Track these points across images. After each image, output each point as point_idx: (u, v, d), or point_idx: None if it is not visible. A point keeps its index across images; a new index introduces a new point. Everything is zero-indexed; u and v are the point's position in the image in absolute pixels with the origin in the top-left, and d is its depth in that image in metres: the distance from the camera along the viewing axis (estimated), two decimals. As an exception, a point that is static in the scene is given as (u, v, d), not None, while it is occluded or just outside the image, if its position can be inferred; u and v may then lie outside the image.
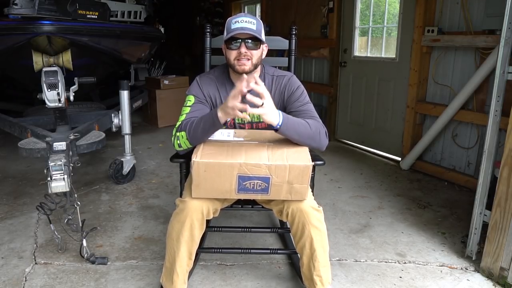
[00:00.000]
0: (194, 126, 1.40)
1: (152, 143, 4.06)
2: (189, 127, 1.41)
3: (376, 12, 3.66)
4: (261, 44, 1.50)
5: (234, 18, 1.48)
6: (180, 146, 1.45)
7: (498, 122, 1.75)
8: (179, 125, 1.47)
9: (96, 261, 1.86)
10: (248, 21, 1.45)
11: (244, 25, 1.44)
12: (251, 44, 1.46)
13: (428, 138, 3.02)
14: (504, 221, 1.66)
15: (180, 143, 1.44)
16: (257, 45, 1.48)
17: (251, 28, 1.45)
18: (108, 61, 3.77)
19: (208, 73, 1.66)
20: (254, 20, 1.47)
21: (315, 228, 1.42)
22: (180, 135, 1.43)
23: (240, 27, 1.44)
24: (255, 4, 5.74)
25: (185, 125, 1.43)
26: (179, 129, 1.45)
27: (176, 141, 1.45)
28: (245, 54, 1.46)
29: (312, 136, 1.40)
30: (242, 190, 1.35)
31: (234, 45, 1.47)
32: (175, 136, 1.45)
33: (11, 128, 2.79)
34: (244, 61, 1.47)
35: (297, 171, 1.31)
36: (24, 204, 2.54)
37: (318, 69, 4.34)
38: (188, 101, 1.54)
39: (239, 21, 1.45)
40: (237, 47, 1.46)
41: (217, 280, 1.75)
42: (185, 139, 1.42)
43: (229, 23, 1.48)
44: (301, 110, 1.52)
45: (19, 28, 2.60)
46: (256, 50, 1.49)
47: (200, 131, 1.39)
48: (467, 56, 2.78)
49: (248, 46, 1.46)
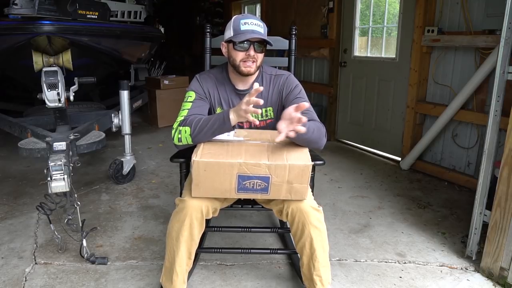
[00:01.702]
0: (201, 124, 1.39)
1: (152, 143, 4.06)
2: (195, 124, 1.40)
3: (376, 12, 3.66)
4: (265, 47, 1.52)
5: (242, 18, 1.48)
6: (180, 140, 1.43)
7: (498, 122, 1.75)
8: (182, 119, 1.46)
9: (96, 261, 1.86)
10: (257, 24, 1.47)
11: (255, 28, 1.46)
12: (259, 48, 1.49)
13: (428, 138, 3.02)
14: (504, 221, 1.66)
15: (181, 137, 1.42)
16: (263, 49, 1.51)
17: (260, 32, 1.47)
18: (108, 61, 3.77)
19: (207, 72, 1.67)
20: (261, 23, 1.50)
21: (315, 228, 1.42)
22: (183, 130, 1.42)
23: (251, 29, 1.45)
24: (255, 4, 5.74)
25: (190, 121, 1.43)
26: (183, 123, 1.44)
27: (177, 135, 1.43)
28: (253, 56, 1.48)
29: (317, 139, 1.42)
30: (242, 190, 1.35)
31: (243, 47, 1.47)
32: (177, 130, 1.44)
33: (11, 128, 2.79)
34: (250, 63, 1.49)
35: (296, 170, 1.31)
36: (24, 204, 2.54)
37: (318, 69, 4.34)
38: (189, 97, 1.54)
39: (249, 23, 1.46)
40: (246, 49, 1.47)
41: (217, 280, 1.76)
42: (188, 134, 1.41)
43: (237, 23, 1.47)
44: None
45: (19, 28, 2.60)
46: (262, 53, 1.52)
47: (207, 130, 1.39)
48: (467, 56, 2.78)
49: (256, 49, 1.48)
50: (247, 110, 1.30)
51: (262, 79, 1.61)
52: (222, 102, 1.60)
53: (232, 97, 1.60)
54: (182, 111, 1.50)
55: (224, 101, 1.60)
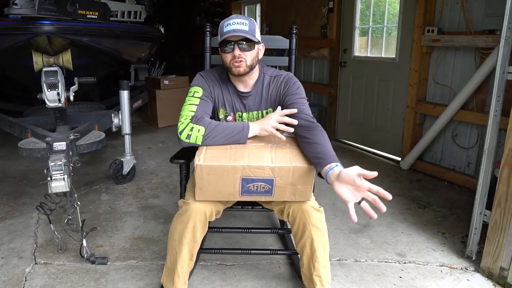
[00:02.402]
0: (217, 129, 1.38)
1: (152, 143, 4.06)
2: (210, 127, 1.38)
3: (376, 12, 3.66)
4: (256, 44, 1.48)
5: (226, 21, 1.46)
6: (189, 137, 1.37)
7: (498, 122, 1.75)
8: (193, 115, 1.42)
9: (96, 261, 1.86)
10: (240, 22, 1.43)
11: (236, 27, 1.42)
12: (245, 46, 1.44)
13: (428, 138, 3.02)
14: (504, 221, 1.66)
15: (191, 135, 1.37)
16: (251, 46, 1.46)
17: (243, 30, 1.43)
18: (108, 61, 3.77)
19: (211, 71, 1.64)
20: (246, 20, 1.45)
21: (315, 229, 1.42)
22: (196, 128, 1.38)
23: (232, 29, 1.42)
24: (255, 4, 5.74)
25: (205, 121, 1.40)
26: (196, 121, 1.40)
27: (188, 131, 1.38)
28: (238, 56, 1.44)
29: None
30: (246, 193, 1.34)
31: (228, 48, 1.45)
32: (187, 125, 1.39)
33: (11, 128, 2.79)
34: (237, 63, 1.45)
35: (300, 172, 1.31)
36: (24, 204, 2.54)
37: (318, 69, 4.34)
38: (195, 92, 1.51)
39: (231, 23, 1.43)
40: (231, 50, 1.44)
41: (217, 280, 1.76)
42: (201, 134, 1.37)
43: (222, 27, 1.46)
44: (297, 102, 1.51)
45: (19, 28, 2.60)
46: (250, 51, 1.46)
47: (222, 136, 1.38)
48: (467, 56, 2.78)
49: (242, 48, 1.44)
50: (275, 126, 1.32)
51: (263, 81, 1.59)
52: (225, 103, 1.58)
53: (235, 99, 1.58)
54: (190, 105, 1.46)
55: (227, 102, 1.58)
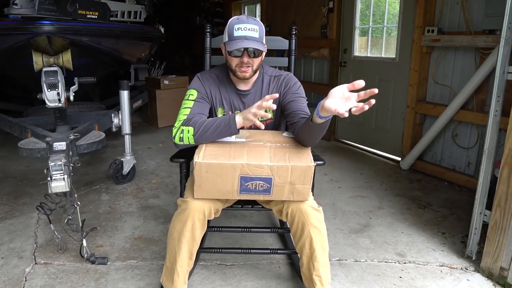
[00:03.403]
0: (205, 126, 1.38)
1: (152, 143, 4.06)
2: (198, 125, 1.39)
3: (376, 12, 3.66)
4: (263, 51, 1.49)
5: (236, 23, 1.44)
6: (181, 140, 1.41)
7: (498, 122, 1.75)
8: (185, 119, 1.45)
9: (96, 261, 1.86)
10: (251, 28, 1.43)
11: (248, 34, 1.42)
12: (253, 53, 1.45)
13: (428, 138, 3.02)
14: (504, 221, 1.66)
15: (183, 137, 1.40)
16: (259, 53, 1.47)
17: (254, 38, 1.43)
18: (108, 61, 3.77)
19: (209, 72, 1.65)
20: (256, 26, 1.45)
21: (314, 228, 1.42)
22: (186, 130, 1.40)
23: (243, 36, 1.42)
24: (255, 4, 5.74)
25: (194, 121, 1.42)
26: (186, 123, 1.43)
27: (179, 134, 1.41)
28: (247, 63, 1.45)
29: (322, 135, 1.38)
30: (244, 191, 1.35)
31: (237, 53, 1.45)
32: (179, 129, 1.42)
33: (11, 128, 2.79)
34: (244, 68, 1.47)
35: (299, 171, 1.31)
36: (24, 204, 2.54)
37: (318, 69, 4.34)
38: (190, 95, 1.53)
39: (242, 28, 1.42)
40: (240, 55, 1.45)
41: (217, 280, 1.76)
42: (191, 135, 1.39)
43: (231, 28, 1.44)
44: (296, 100, 1.52)
45: (19, 28, 2.60)
46: (258, 57, 1.48)
47: (211, 132, 1.37)
48: (467, 56, 2.78)
49: (250, 55, 1.45)
50: (256, 113, 1.28)
51: (263, 80, 1.60)
52: (224, 103, 1.59)
53: (233, 97, 1.59)
54: (184, 109, 1.48)
55: (225, 101, 1.59)
